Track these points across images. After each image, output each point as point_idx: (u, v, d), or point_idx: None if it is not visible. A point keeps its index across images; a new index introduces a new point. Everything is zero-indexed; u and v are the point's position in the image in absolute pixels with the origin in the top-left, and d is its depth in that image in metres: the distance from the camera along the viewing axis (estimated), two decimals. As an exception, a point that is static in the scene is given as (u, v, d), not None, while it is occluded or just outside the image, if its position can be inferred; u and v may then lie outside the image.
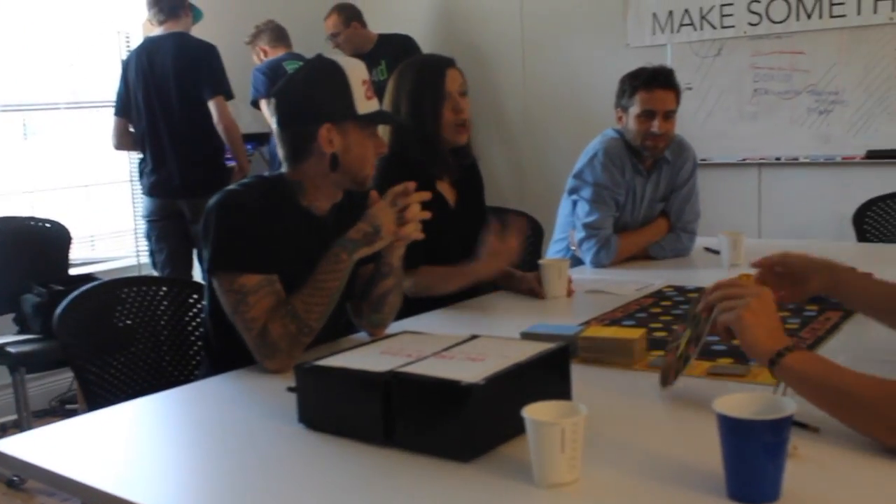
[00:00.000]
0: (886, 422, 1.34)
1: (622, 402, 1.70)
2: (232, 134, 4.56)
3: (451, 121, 2.59)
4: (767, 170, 4.74)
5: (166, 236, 4.59)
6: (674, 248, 3.21)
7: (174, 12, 4.61)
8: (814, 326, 2.13)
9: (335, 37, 5.29)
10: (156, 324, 2.32)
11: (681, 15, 4.89)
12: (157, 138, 4.55)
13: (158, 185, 4.57)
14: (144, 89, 4.52)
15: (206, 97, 4.51)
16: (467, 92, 2.65)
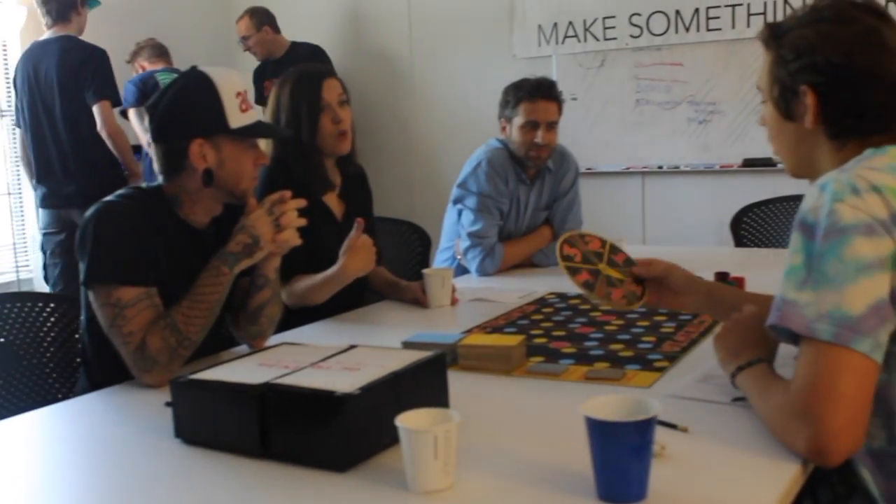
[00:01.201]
0: (783, 437, 1.38)
1: (500, 408, 1.72)
2: (117, 141, 4.42)
3: (331, 131, 2.59)
4: (650, 178, 4.86)
5: (62, 251, 4.42)
6: (557, 256, 3.26)
7: (62, 15, 4.44)
8: (688, 329, 2.19)
9: (245, 40, 5.27)
10: (41, 341, 2.26)
11: (565, 27, 4.99)
12: (44, 147, 4.41)
13: (47, 196, 4.43)
14: (29, 96, 4.39)
15: (90, 102, 4.37)
16: (347, 102, 2.65)
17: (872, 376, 1.32)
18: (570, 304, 2.52)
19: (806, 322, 1.33)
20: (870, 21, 1.50)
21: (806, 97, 1.52)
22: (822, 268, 1.33)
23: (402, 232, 3.75)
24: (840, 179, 1.38)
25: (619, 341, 2.10)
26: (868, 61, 1.48)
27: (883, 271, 1.32)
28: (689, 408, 1.64)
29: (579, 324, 2.29)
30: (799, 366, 1.36)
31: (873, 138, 1.50)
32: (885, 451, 1.42)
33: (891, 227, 1.33)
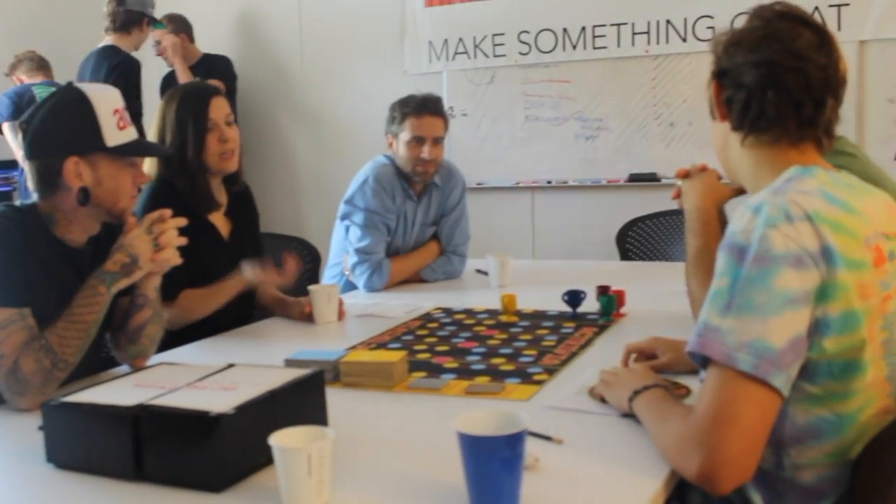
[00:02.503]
0: (676, 461, 1.39)
1: (380, 425, 1.73)
2: None
3: (217, 150, 2.57)
4: (540, 193, 4.93)
5: None
6: (445, 271, 3.29)
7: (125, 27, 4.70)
8: (569, 342, 2.23)
9: (160, 44, 5.20)
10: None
11: (455, 44, 5.04)
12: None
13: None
14: None
15: None
16: (234, 121, 2.64)
17: (775, 412, 1.34)
18: (455, 319, 2.55)
19: (726, 350, 1.32)
20: (783, 26, 1.53)
21: (711, 90, 1.60)
22: (749, 295, 1.33)
23: (291, 248, 3.73)
24: (774, 203, 1.38)
25: (500, 355, 2.13)
26: (766, 61, 1.51)
27: (806, 306, 1.33)
28: (566, 419, 1.68)
29: (463, 339, 2.32)
30: (704, 391, 1.36)
31: (782, 143, 1.54)
32: (773, 474, 1.47)
33: (819, 261, 1.34)
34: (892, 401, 1.43)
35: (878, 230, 1.45)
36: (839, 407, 1.39)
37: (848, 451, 1.41)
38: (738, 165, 1.62)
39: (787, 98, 1.51)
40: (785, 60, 1.50)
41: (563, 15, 4.77)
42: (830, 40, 1.54)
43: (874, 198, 1.54)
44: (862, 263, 1.37)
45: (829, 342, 1.34)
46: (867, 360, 1.37)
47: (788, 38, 1.51)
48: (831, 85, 1.52)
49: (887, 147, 4.27)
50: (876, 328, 1.38)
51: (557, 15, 4.78)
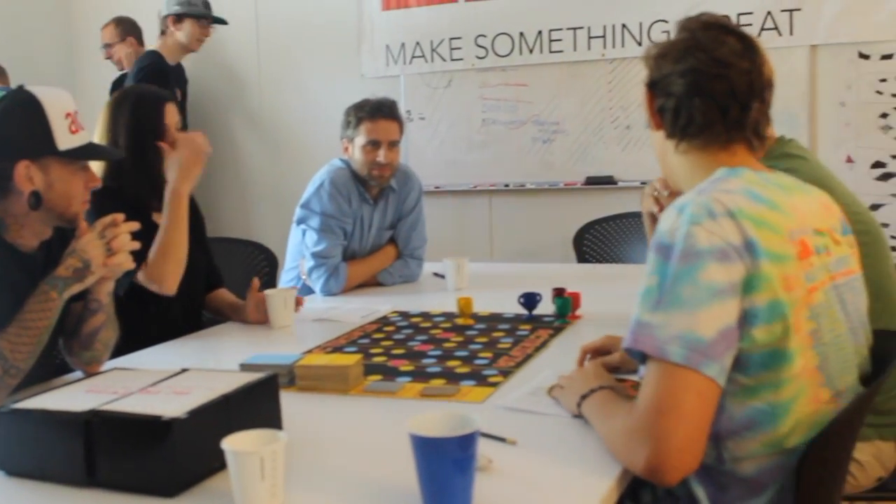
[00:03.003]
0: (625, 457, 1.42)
1: (335, 428, 1.74)
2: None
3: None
4: (497, 196, 4.95)
5: None
6: (402, 275, 3.30)
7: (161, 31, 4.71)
8: (524, 345, 2.24)
9: (108, 47, 5.17)
10: None
11: (413, 47, 5.04)
12: None
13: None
14: None
15: None
16: (185, 127, 2.63)
17: (715, 400, 1.37)
18: (412, 323, 2.55)
19: (658, 343, 1.36)
20: (707, 35, 1.59)
21: (645, 100, 1.66)
22: (677, 290, 1.37)
23: (249, 252, 3.72)
24: (697, 202, 1.43)
25: (456, 358, 2.14)
26: (691, 70, 1.57)
27: (734, 297, 1.37)
28: (521, 421, 1.70)
29: (419, 341, 2.32)
30: (644, 385, 1.40)
31: (712, 147, 1.60)
32: (715, 468, 1.50)
33: (743, 254, 1.38)
34: (824, 390, 1.47)
35: (806, 226, 1.50)
36: (772, 397, 1.42)
37: (784, 440, 1.44)
38: (676, 171, 1.68)
39: (713, 104, 1.57)
40: (709, 68, 1.56)
41: (520, 19, 4.79)
42: (754, 46, 1.60)
43: (807, 197, 1.59)
44: (785, 256, 1.42)
45: (758, 332, 1.38)
46: (794, 350, 1.41)
47: (712, 47, 1.57)
48: (756, 88, 1.58)
49: (839, 149, 4.34)
50: (802, 318, 1.42)
51: (514, 19, 4.80)
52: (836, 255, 1.56)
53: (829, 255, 1.53)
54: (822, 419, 1.45)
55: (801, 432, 1.44)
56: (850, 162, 4.32)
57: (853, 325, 1.57)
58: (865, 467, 2.12)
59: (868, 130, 4.27)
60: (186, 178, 2.50)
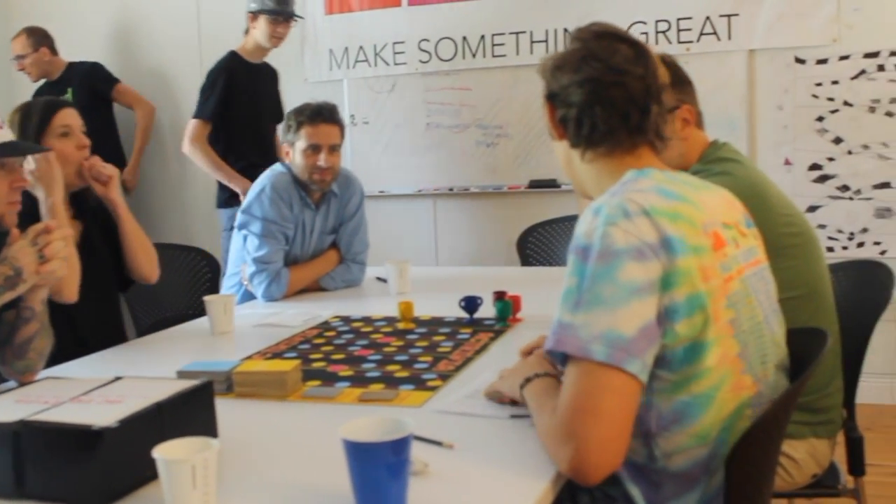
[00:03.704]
0: (552, 455, 1.43)
1: (273, 435, 1.73)
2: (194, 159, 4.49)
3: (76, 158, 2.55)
4: (441, 200, 4.96)
5: None
6: (345, 279, 3.29)
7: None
8: (465, 348, 2.25)
9: (21, 59, 5.08)
10: None
11: (356, 52, 5.04)
12: None
13: None
14: None
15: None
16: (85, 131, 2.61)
17: (637, 397, 1.39)
18: (353, 328, 2.55)
19: (581, 343, 1.37)
20: (600, 45, 1.63)
21: (546, 112, 1.70)
22: (596, 290, 1.39)
23: (190, 258, 3.68)
24: (611, 203, 1.46)
25: (396, 362, 2.14)
26: (589, 80, 1.61)
27: (653, 294, 1.40)
28: (458, 424, 1.70)
29: (360, 346, 2.32)
30: (565, 386, 1.41)
31: (617, 152, 1.63)
32: (647, 466, 1.52)
33: (659, 252, 1.41)
34: (746, 376, 1.50)
35: (716, 219, 1.54)
36: (695, 388, 1.44)
37: (710, 430, 1.47)
38: (584, 179, 1.71)
39: (613, 111, 1.60)
40: (606, 76, 1.60)
41: (463, 23, 4.81)
42: (645, 52, 1.64)
43: (713, 193, 1.65)
44: (701, 248, 1.45)
45: (680, 326, 1.41)
46: (712, 339, 1.43)
47: (606, 56, 1.61)
48: (653, 92, 1.62)
49: (777, 152, 4.41)
50: (721, 307, 1.45)
51: (457, 23, 4.82)
52: (745, 246, 1.60)
53: (739, 247, 1.57)
54: (744, 406, 1.49)
55: (725, 420, 1.47)
56: (788, 164, 4.40)
57: (768, 312, 1.61)
58: (801, 465, 2.15)
59: (805, 133, 4.35)
60: (51, 189, 2.45)
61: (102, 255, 2.61)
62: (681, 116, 2.28)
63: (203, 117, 4.38)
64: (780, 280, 2.11)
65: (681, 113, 2.28)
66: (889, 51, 4.23)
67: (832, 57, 4.32)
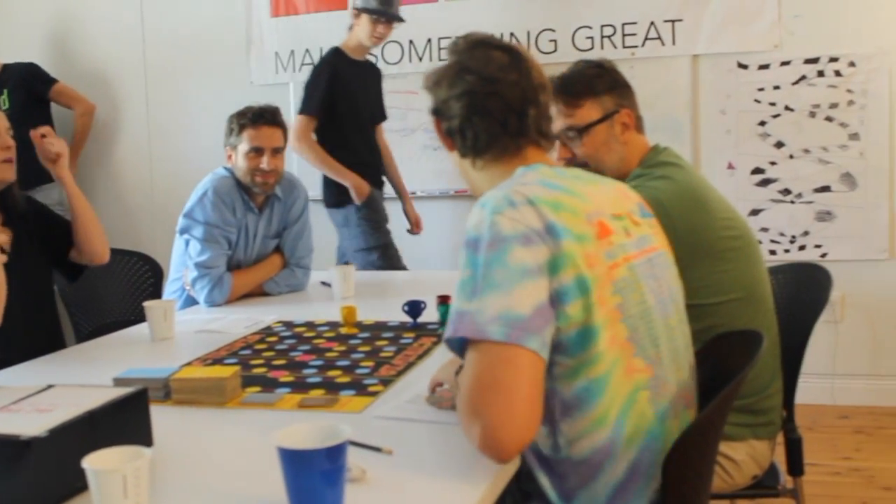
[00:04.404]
0: (467, 436, 1.43)
1: (210, 442, 1.70)
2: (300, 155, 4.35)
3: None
4: (388, 203, 4.92)
5: None
6: (289, 284, 3.27)
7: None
8: (407, 353, 2.24)
9: None
10: None
11: (302, 54, 5.01)
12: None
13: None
14: None
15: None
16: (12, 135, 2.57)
17: (539, 372, 1.41)
18: (295, 333, 2.53)
19: (477, 327, 1.39)
20: (474, 55, 1.69)
21: (434, 127, 1.76)
22: (489, 276, 1.41)
23: (133, 263, 3.63)
24: (497, 196, 1.50)
25: (337, 368, 2.12)
26: (465, 92, 1.66)
27: (542, 277, 1.43)
28: (399, 430, 1.69)
29: (301, 352, 2.30)
30: (466, 368, 1.43)
31: (505, 156, 1.69)
32: (552, 458, 1.53)
33: (545, 236, 1.45)
34: (637, 359, 1.53)
35: (603, 210, 1.58)
36: (591, 372, 1.47)
37: (608, 413, 1.49)
38: (480, 185, 1.75)
39: (491, 120, 1.67)
40: (481, 87, 1.66)
41: (410, 27, 4.79)
42: (520, 55, 1.70)
43: (602, 186, 1.69)
44: (585, 236, 1.49)
45: (571, 308, 1.44)
46: (600, 324, 1.46)
47: (480, 66, 1.67)
48: (528, 96, 1.68)
49: (721, 156, 4.47)
50: (607, 294, 1.48)
51: (403, 26, 4.77)
52: (638, 234, 1.64)
53: (630, 236, 1.61)
54: (639, 388, 1.52)
55: (622, 404, 1.50)
56: (731, 168, 4.45)
57: (662, 297, 1.64)
58: (741, 466, 2.17)
59: (747, 138, 4.40)
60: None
61: (35, 261, 2.56)
62: (620, 121, 2.30)
63: (309, 113, 4.22)
64: (720, 283, 2.14)
65: (619, 117, 2.30)
66: (829, 57, 4.30)
67: (774, 62, 4.38)
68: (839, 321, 4.43)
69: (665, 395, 1.57)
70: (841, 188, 4.36)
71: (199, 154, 5.11)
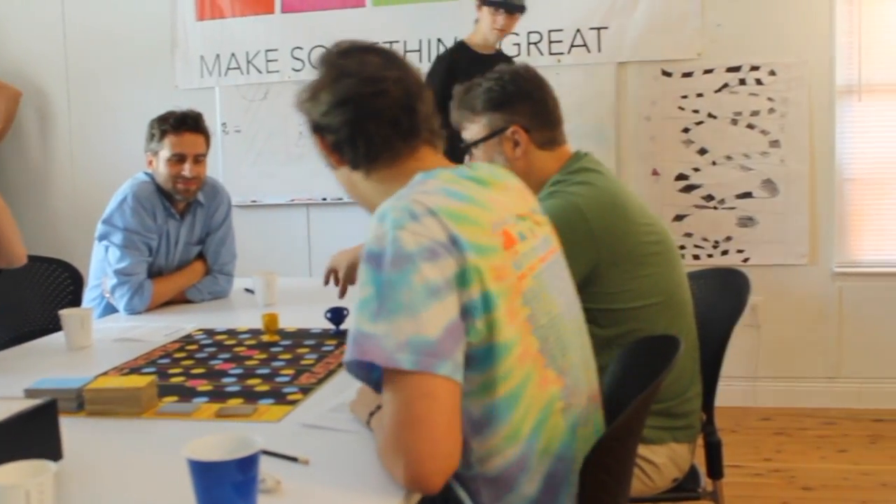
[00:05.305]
0: (392, 474, 1.41)
1: (124, 454, 1.66)
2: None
3: None
4: (315, 209, 4.91)
5: None
6: (212, 291, 3.22)
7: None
8: (328, 360, 2.22)
9: None
10: None
11: (228, 59, 4.95)
12: None
13: None
14: None
15: None
16: None
17: (455, 396, 1.38)
18: (216, 341, 2.49)
19: (386, 354, 1.34)
20: (349, 61, 1.65)
21: (317, 144, 1.70)
22: (394, 297, 1.36)
23: (52, 270, 3.55)
24: (397, 207, 1.44)
25: (257, 376, 2.09)
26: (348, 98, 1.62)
27: (451, 293, 1.39)
28: (318, 439, 1.67)
29: (221, 360, 2.26)
30: (384, 402, 1.40)
31: (398, 160, 1.64)
32: (464, 475, 1.51)
33: (451, 249, 1.40)
34: (549, 371, 1.52)
35: (508, 215, 1.56)
36: (502, 388, 1.44)
37: (520, 428, 1.47)
38: (373, 198, 1.67)
39: (381, 120, 1.61)
40: (363, 89, 1.61)
41: (336, 31, 4.77)
42: (394, 55, 1.68)
43: (503, 188, 1.65)
44: (490, 248, 1.45)
45: (479, 323, 1.41)
46: (509, 339, 1.43)
47: (358, 70, 1.62)
48: (413, 91, 1.64)
49: (646, 162, 4.52)
50: (517, 305, 1.46)
51: (329, 31, 4.78)
52: (541, 235, 1.63)
53: (536, 238, 1.60)
54: (554, 399, 1.51)
55: (536, 417, 1.48)
56: (655, 175, 4.51)
57: (568, 300, 1.64)
58: (662, 469, 2.19)
59: (671, 144, 4.46)
60: None
61: None
62: (510, 138, 2.28)
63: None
64: (640, 288, 2.16)
65: (509, 134, 2.28)
66: (750, 65, 4.38)
67: (697, 70, 4.45)
68: (761, 325, 4.51)
69: (576, 403, 1.57)
70: (762, 194, 4.44)
71: (123, 158, 5.00)
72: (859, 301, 4.47)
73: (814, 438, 4.10)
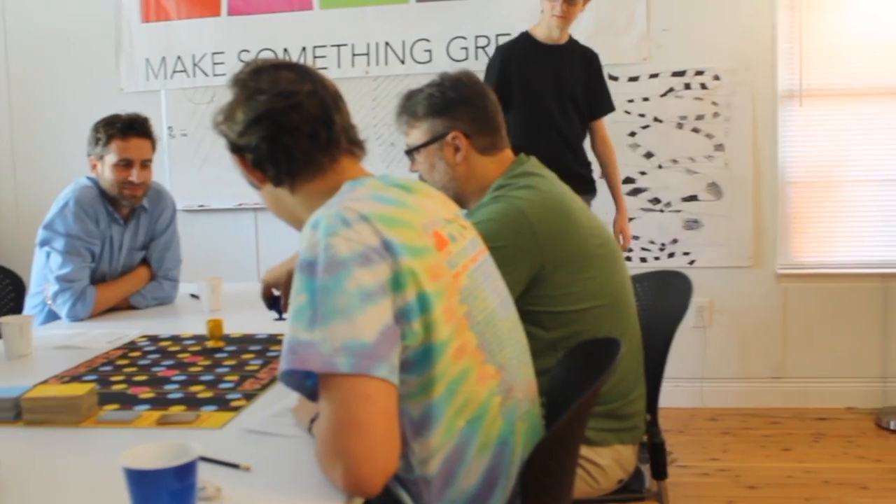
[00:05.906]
0: (330, 479, 1.39)
1: (62, 464, 1.63)
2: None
3: None
4: (263, 214, 4.87)
5: None
6: (156, 296, 3.19)
7: None
8: (273, 366, 2.21)
9: None
10: None
11: (174, 62, 4.90)
12: None
13: None
14: None
15: None
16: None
17: (392, 398, 1.38)
18: (160, 347, 2.46)
19: (324, 359, 1.34)
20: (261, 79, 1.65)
21: (237, 165, 1.71)
22: (329, 303, 1.36)
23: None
24: (329, 214, 1.45)
25: (200, 383, 2.07)
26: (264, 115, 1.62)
27: (385, 297, 1.39)
28: (260, 445, 1.66)
29: (165, 367, 2.24)
30: (321, 406, 1.39)
31: (321, 172, 1.64)
32: (406, 478, 1.52)
33: (384, 254, 1.41)
34: (488, 366, 1.54)
35: (437, 218, 1.58)
36: (440, 388, 1.45)
37: (456, 423, 1.48)
38: (299, 213, 1.68)
39: (300, 134, 1.62)
40: (278, 104, 1.62)
41: (284, 35, 4.76)
42: (306, 69, 1.69)
43: (428, 195, 1.68)
44: (424, 249, 1.47)
45: (416, 325, 1.41)
46: (445, 338, 1.45)
47: (271, 86, 1.63)
48: (329, 103, 1.65)
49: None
50: (455, 303, 1.48)
51: (278, 34, 4.76)
52: (469, 237, 1.66)
53: (464, 239, 1.63)
54: (492, 394, 1.53)
55: (475, 411, 1.50)
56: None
57: (502, 297, 1.66)
58: (606, 471, 2.21)
59: (618, 148, 4.47)
60: None
61: None
62: (450, 143, 2.28)
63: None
64: (585, 290, 2.17)
65: (449, 140, 2.28)
66: (695, 70, 4.44)
67: (643, 75, 4.50)
68: (707, 326, 4.56)
69: (513, 397, 1.59)
70: (707, 197, 4.49)
71: (66, 163, 4.94)
72: (803, 302, 4.54)
73: (759, 438, 4.15)
